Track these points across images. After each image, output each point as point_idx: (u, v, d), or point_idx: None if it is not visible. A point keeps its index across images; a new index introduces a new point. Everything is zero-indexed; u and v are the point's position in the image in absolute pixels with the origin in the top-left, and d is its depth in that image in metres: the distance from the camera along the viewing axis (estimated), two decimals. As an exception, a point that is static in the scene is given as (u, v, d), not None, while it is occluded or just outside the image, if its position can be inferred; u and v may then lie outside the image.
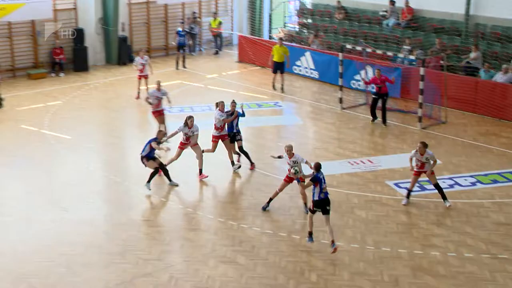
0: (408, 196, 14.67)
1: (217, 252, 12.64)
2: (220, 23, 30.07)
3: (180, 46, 27.03)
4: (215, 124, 16.19)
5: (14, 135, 19.17)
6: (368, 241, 13.05)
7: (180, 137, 15.92)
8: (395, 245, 12.87)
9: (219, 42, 30.29)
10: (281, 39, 25.26)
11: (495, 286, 11.42)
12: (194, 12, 29.82)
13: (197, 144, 15.90)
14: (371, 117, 20.26)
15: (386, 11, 26.07)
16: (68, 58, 26.46)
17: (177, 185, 15.57)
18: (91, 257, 12.51)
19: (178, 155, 16.00)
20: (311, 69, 25.38)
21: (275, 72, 23.89)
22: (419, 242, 12.96)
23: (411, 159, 14.51)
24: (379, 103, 19.85)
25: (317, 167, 12.74)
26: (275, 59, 23.76)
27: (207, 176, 15.90)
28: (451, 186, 15.53)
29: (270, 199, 14.44)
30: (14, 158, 17.40)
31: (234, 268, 12.03)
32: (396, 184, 15.62)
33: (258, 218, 14.07)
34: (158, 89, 18.15)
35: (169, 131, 17.03)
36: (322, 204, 12.68)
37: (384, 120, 19.96)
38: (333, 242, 12.54)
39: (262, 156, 17.03)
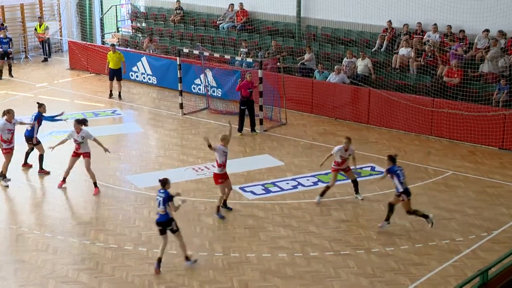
0: (323, 194, 14.78)
1: (57, 273, 11.89)
2: (46, 28, 28.59)
3: (4, 54, 25.33)
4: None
5: None
6: (216, 248, 12.87)
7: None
8: (244, 250, 12.80)
9: (47, 49, 28.80)
10: (113, 45, 24.40)
11: (339, 282, 11.68)
12: None
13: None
14: (238, 128, 19.26)
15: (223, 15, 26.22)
16: None
17: None
18: None
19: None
20: (148, 74, 24.82)
21: (111, 79, 23.10)
22: (267, 245, 12.98)
23: (331, 155, 14.55)
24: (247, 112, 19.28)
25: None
26: (111, 66, 23.01)
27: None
28: (295, 187, 15.75)
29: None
30: None
31: (77, 289, 11.36)
32: (241, 188, 15.55)
33: (101, 232, 13.42)
34: None
35: None
36: None
37: (253, 127, 19.50)
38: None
39: (102, 167, 16.29)
